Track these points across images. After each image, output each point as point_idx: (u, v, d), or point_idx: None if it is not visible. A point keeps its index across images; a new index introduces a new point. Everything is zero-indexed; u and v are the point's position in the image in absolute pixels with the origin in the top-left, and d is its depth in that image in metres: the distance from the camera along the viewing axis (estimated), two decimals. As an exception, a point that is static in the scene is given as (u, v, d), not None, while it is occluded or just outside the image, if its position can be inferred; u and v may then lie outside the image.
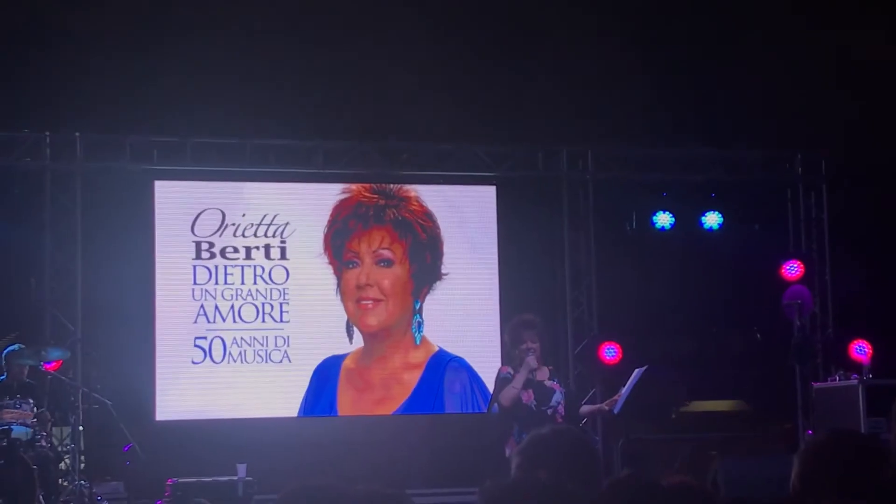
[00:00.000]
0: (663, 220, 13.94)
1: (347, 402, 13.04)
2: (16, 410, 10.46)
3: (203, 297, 12.80)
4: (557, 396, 8.78)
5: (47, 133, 12.56)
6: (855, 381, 12.05)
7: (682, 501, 2.94)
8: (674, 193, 13.96)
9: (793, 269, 13.81)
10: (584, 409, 9.68)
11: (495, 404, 8.87)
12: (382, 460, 12.19)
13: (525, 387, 8.66)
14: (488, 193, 13.59)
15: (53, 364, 11.41)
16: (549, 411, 8.71)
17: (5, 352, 11.08)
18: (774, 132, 13.53)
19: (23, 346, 11.06)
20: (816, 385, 12.79)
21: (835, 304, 13.99)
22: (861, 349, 13.25)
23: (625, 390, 9.29)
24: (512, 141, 13.62)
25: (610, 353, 13.40)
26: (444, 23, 12.63)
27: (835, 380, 12.54)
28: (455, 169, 13.48)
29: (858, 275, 13.90)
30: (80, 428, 11.30)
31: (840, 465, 3.46)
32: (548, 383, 8.80)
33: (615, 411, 9.29)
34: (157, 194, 12.81)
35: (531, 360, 8.65)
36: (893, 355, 12.83)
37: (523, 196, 13.75)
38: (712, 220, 14.03)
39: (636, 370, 9.40)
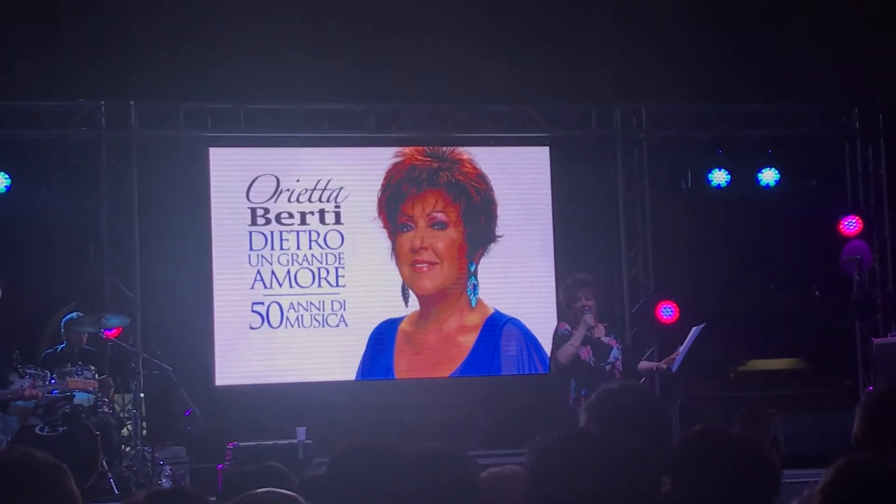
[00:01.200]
0: (719, 177, 13.77)
1: (404, 365, 13.09)
2: (79, 377, 10.58)
3: (259, 263, 12.87)
4: (615, 352, 8.82)
5: (102, 102, 12.63)
6: (916, 336, 11.94)
7: (748, 453, 2.95)
8: (729, 150, 13.80)
9: (851, 224, 13.64)
10: (643, 364, 9.66)
11: (554, 363, 8.89)
12: (440, 422, 12.25)
13: (583, 343, 8.68)
14: (542, 154, 13.52)
15: (114, 331, 11.53)
16: (608, 367, 8.74)
17: (64, 320, 11.24)
18: (831, 85, 13.33)
19: (82, 315, 11.20)
20: (877, 341, 12.65)
21: (894, 259, 13.82)
22: (922, 304, 13.12)
23: (682, 348, 9.26)
24: (565, 100, 13.52)
25: (667, 312, 13.33)
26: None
27: (895, 335, 12.42)
28: (508, 130, 13.41)
29: (918, 228, 13.74)
30: (142, 394, 11.45)
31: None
32: (605, 339, 8.84)
33: (673, 369, 9.27)
34: (211, 161, 12.87)
35: (588, 318, 8.68)
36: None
37: (577, 156, 13.67)
38: (769, 176, 13.83)
39: (694, 328, 9.35)
